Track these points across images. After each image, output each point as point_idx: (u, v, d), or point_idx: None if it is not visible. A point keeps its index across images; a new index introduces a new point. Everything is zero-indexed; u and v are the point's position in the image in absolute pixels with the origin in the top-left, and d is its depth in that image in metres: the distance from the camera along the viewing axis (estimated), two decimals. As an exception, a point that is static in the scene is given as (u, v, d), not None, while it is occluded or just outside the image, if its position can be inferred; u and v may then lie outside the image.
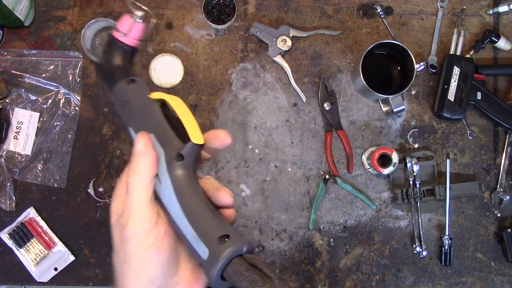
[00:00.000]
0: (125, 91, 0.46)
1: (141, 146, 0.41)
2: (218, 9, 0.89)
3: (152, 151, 0.42)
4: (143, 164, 0.41)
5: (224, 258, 0.37)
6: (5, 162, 0.90)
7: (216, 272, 0.37)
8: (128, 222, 0.40)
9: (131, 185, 0.41)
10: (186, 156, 0.42)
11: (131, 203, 0.40)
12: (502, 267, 0.91)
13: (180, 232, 0.40)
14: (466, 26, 0.93)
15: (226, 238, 0.38)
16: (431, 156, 0.90)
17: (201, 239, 0.38)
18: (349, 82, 0.92)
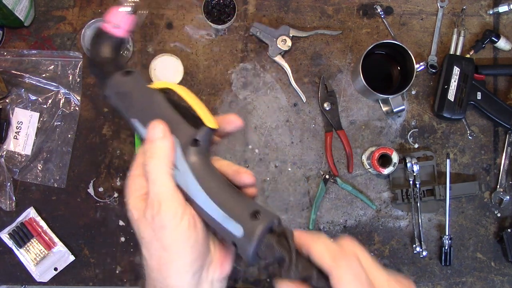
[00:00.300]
0: (122, 82, 0.46)
1: (159, 132, 0.41)
2: (218, 9, 0.89)
3: (169, 136, 0.42)
4: (163, 148, 0.41)
5: (259, 233, 0.38)
6: (5, 162, 0.90)
7: (254, 248, 0.38)
8: (160, 209, 0.39)
9: (154, 173, 0.41)
10: (202, 140, 0.42)
11: (158, 190, 0.40)
12: (502, 267, 0.91)
13: (207, 216, 0.40)
14: (466, 26, 0.93)
15: (257, 214, 0.39)
16: (431, 156, 0.90)
17: (233, 218, 0.39)
18: (349, 82, 0.92)
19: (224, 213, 0.39)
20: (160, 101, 0.44)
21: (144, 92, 0.45)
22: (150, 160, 0.41)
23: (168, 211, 0.39)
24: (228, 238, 0.40)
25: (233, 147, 0.91)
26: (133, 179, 0.43)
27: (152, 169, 0.41)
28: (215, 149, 0.94)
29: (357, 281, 0.34)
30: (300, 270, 0.37)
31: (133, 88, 0.46)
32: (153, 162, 0.41)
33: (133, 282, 0.90)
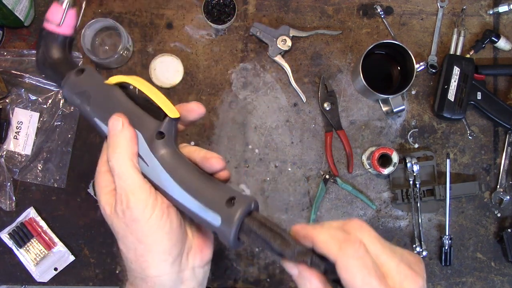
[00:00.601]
0: (77, 82, 0.45)
1: (118, 125, 0.41)
2: (218, 9, 0.89)
3: (129, 127, 0.41)
4: (123, 141, 0.40)
5: (238, 220, 0.37)
6: (5, 162, 0.90)
7: (233, 235, 0.37)
8: (129, 203, 0.39)
9: (117, 167, 0.40)
10: (167, 132, 0.41)
11: (124, 184, 0.40)
12: (502, 267, 0.91)
13: (184, 207, 0.40)
14: (466, 26, 0.93)
15: (232, 200, 0.38)
16: (431, 156, 0.90)
17: (210, 208, 0.38)
18: (349, 82, 0.92)
19: (200, 203, 0.39)
20: (119, 96, 0.43)
21: (101, 89, 0.44)
22: (113, 155, 0.40)
23: (138, 204, 0.39)
24: (207, 227, 0.40)
25: (233, 147, 0.91)
26: (101, 176, 0.43)
27: (115, 163, 0.40)
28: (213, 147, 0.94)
29: (364, 269, 0.33)
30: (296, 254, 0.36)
31: (89, 86, 0.45)
32: (115, 156, 0.40)
33: (133, 282, 0.90)
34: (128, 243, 0.41)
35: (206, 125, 0.91)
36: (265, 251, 0.40)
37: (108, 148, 0.41)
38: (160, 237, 0.40)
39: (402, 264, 0.36)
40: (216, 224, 0.38)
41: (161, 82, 0.91)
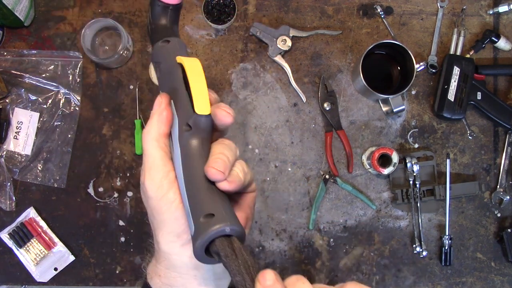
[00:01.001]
0: (158, 52, 0.47)
1: (159, 103, 0.42)
2: (218, 9, 0.89)
3: (164, 110, 0.42)
4: (156, 120, 0.42)
5: (206, 236, 0.36)
6: (5, 162, 0.90)
7: (198, 249, 0.37)
8: (145, 179, 0.40)
9: (144, 142, 0.42)
10: (193, 125, 0.41)
11: (146, 159, 0.41)
12: (502, 267, 0.91)
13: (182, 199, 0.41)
14: (466, 26, 0.93)
15: (211, 216, 0.37)
16: (431, 156, 0.90)
17: (191, 214, 0.38)
18: (349, 82, 0.92)
19: (189, 207, 0.39)
20: (178, 77, 0.44)
21: (170, 65, 0.45)
22: (145, 130, 0.42)
23: (151, 183, 0.40)
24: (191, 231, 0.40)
25: (233, 147, 0.91)
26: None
27: (144, 138, 0.42)
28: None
29: None
30: None
31: (163, 59, 0.46)
32: (146, 131, 0.42)
33: (133, 282, 0.90)
34: (149, 217, 0.43)
35: (206, 125, 0.91)
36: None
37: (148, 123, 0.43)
38: (169, 220, 0.40)
39: None
40: (191, 232, 0.38)
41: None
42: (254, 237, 0.90)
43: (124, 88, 0.91)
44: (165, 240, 0.41)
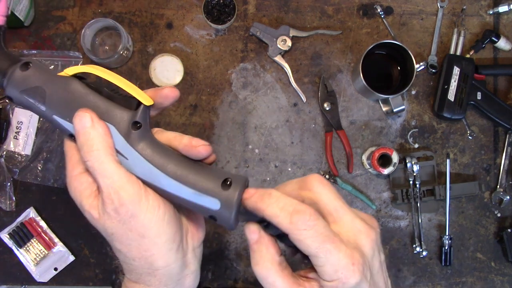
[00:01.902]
0: (25, 78, 0.40)
1: (86, 121, 0.38)
2: (218, 9, 0.89)
3: (100, 122, 0.38)
4: (98, 137, 0.38)
5: (237, 201, 0.37)
6: (5, 162, 0.90)
7: (234, 217, 0.37)
8: (122, 199, 0.37)
9: (98, 165, 0.37)
10: (143, 121, 0.38)
11: (110, 181, 0.37)
12: (502, 267, 0.91)
13: (176, 197, 0.38)
14: (466, 26, 0.93)
15: (228, 181, 0.37)
16: (431, 156, 0.90)
17: (206, 193, 0.37)
18: (349, 82, 0.92)
19: (195, 190, 0.37)
20: (80, 88, 0.40)
21: (57, 82, 0.40)
22: (90, 154, 0.38)
23: (132, 199, 0.37)
24: (204, 213, 0.38)
25: (233, 147, 0.91)
26: (76, 180, 0.40)
27: (95, 162, 0.38)
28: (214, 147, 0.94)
29: (317, 238, 0.34)
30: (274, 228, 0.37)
31: (41, 80, 0.40)
32: (93, 154, 0.37)
33: (133, 282, 0.90)
34: (129, 241, 0.39)
35: (206, 125, 0.91)
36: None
37: (82, 148, 0.38)
38: (162, 228, 0.39)
39: (356, 219, 0.37)
40: (214, 208, 0.37)
41: (161, 82, 0.91)
42: (254, 237, 0.90)
43: (124, 88, 0.91)
44: (163, 253, 0.40)
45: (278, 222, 0.35)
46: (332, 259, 0.34)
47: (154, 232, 0.39)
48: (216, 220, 0.38)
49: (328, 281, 0.35)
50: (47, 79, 0.40)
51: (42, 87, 0.39)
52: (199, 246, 0.46)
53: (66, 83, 0.40)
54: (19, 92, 0.40)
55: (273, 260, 0.37)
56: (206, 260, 0.90)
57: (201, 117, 0.91)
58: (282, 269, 0.37)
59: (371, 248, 0.37)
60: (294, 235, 0.35)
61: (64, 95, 0.39)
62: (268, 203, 0.36)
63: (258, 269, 0.38)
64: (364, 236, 0.37)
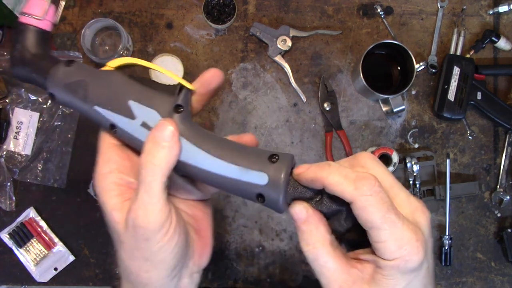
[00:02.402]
0: (70, 72, 0.41)
1: (168, 135, 0.37)
2: (218, 9, 0.89)
3: (178, 142, 0.37)
4: (166, 155, 0.36)
5: (286, 175, 0.35)
6: (5, 162, 0.90)
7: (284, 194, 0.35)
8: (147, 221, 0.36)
9: (150, 179, 0.36)
10: (184, 104, 0.39)
11: (149, 200, 0.36)
12: (502, 267, 0.91)
13: (219, 178, 0.37)
14: (466, 26, 0.93)
15: (274, 156, 0.36)
16: (431, 156, 0.90)
17: (252, 168, 0.36)
18: (349, 82, 0.92)
19: (240, 166, 0.36)
20: (122, 79, 0.40)
21: (100, 76, 0.41)
22: (151, 166, 0.36)
23: (154, 226, 0.36)
24: (250, 192, 0.37)
25: (233, 147, 0.91)
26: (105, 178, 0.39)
27: (149, 175, 0.36)
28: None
29: (383, 206, 0.32)
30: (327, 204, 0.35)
31: (86, 74, 0.41)
32: (152, 168, 0.36)
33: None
34: (133, 257, 0.39)
35: (206, 125, 0.91)
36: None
37: (148, 153, 0.37)
38: (169, 257, 0.38)
39: (411, 197, 0.36)
40: (262, 183, 0.35)
41: (161, 82, 0.91)
42: (254, 237, 0.90)
43: (124, 88, 0.91)
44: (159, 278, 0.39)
45: (342, 189, 0.33)
46: (397, 232, 0.32)
47: (158, 259, 0.38)
48: (264, 199, 0.36)
49: (389, 260, 0.33)
50: (90, 73, 0.41)
51: (85, 80, 0.41)
52: (198, 272, 0.44)
53: (108, 75, 0.41)
54: (63, 85, 0.41)
55: (324, 239, 0.35)
56: (206, 260, 0.90)
57: (201, 117, 0.91)
58: (333, 249, 0.35)
59: (427, 226, 0.35)
60: (359, 202, 0.32)
61: (107, 86, 0.40)
62: (330, 171, 0.34)
63: (309, 250, 0.35)
64: (421, 213, 0.35)
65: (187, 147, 0.38)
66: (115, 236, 0.40)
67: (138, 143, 0.39)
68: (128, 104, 0.39)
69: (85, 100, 0.40)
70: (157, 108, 0.39)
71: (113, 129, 0.40)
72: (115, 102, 0.40)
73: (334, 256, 0.35)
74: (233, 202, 0.91)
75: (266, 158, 0.36)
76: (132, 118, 0.39)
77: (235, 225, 0.90)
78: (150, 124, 0.38)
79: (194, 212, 0.44)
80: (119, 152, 0.41)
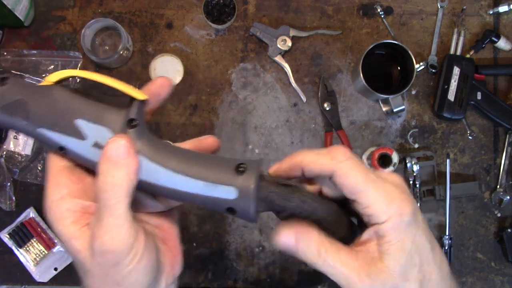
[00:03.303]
0: (5, 91, 0.37)
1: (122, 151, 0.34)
2: (218, 9, 0.89)
3: (135, 157, 0.35)
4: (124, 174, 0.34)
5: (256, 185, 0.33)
6: (5, 162, 0.90)
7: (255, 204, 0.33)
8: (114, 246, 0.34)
9: (112, 201, 0.34)
10: (138, 117, 0.35)
11: (114, 223, 0.34)
12: (502, 267, 0.91)
13: (186, 195, 0.35)
14: (466, 26, 0.93)
15: (241, 166, 0.34)
16: (431, 156, 0.90)
17: (219, 182, 0.34)
18: (349, 82, 0.92)
19: (206, 182, 0.34)
20: (65, 95, 0.36)
21: (40, 92, 0.37)
22: (111, 187, 0.34)
23: (123, 249, 0.34)
24: (219, 207, 0.35)
25: (233, 147, 0.91)
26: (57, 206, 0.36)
27: (111, 198, 0.34)
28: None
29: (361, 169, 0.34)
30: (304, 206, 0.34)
31: (24, 92, 0.37)
32: (114, 190, 0.34)
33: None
34: (103, 284, 0.36)
35: (206, 125, 0.91)
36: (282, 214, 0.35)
37: (105, 174, 0.34)
38: (141, 277, 0.36)
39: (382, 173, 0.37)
40: (231, 197, 0.34)
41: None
42: (254, 237, 0.90)
43: (124, 88, 0.91)
44: None
45: (320, 164, 0.34)
46: (382, 190, 0.33)
47: (131, 282, 0.36)
48: (235, 212, 0.34)
49: (384, 222, 0.33)
50: (28, 90, 0.37)
51: (24, 100, 0.36)
52: (173, 282, 0.42)
53: (49, 92, 0.37)
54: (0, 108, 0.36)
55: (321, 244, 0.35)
56: (206, 260, 0.90)
57: (201, 117, 0.91)
58: (332, 245, 0.35)
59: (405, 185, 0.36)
60: (339, 170, 0.33)
61: (49, 104, 0.36)
62: (304, 154, 0.35)
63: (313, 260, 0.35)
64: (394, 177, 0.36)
65: (147, 164, 0.35)
66: (79, 265, 0.37)
67: (93, 165, 0.36)
68: (75, 123, 0.35)
69: (28, 122, 0.36)
70: (109, 125, 0.35)
71: (62, 151, 0.37)
72: (60, 122, 0.36)
73: (337, 252, 0.35)
74: (233, 202, 0.91)
75: (233, 169, 0.34)
76: (82, 138, 0.36)
77: (235, 225, 0.90)
78: (103, 143, 0.35)
79: (159, 222, 0.42)
80: (69, 175, 0.38)
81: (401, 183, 0.36)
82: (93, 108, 0.36)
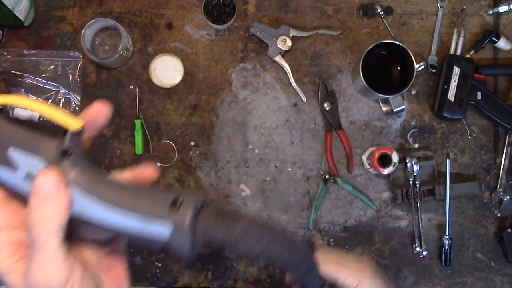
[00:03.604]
0: None
1: (50, 184, 0.32)
2: (218, 9, 0.89)
3: (66, 192, 0.33)
4: (55, 209, 0.32)
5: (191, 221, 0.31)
6: (5, 162, 0.89)
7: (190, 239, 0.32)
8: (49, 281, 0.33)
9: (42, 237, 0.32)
10: (73, 146, 0.34)
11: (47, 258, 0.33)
12: (502, 267, 0.91)
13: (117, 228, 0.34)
14: (466, 26, 0.93)
15: (177, 200, 0.33)
16: (431, 156, 0.90)
17: (153, 217, 0.33)
18: (349, 82, 0.92)
19: (140, 217, 0.33)
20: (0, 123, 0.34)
21: None
22: (41, 223, 0.33)
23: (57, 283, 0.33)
24: (153, 244, 0.34)
25: (233, 147, 0.91)
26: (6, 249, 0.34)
27: (41, 234, 0.32)
28: (213, 147, 0.93)
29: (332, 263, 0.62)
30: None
31: None
32: (45, 226, 0.32)
33: (133, 282, 0.90)
34: None
35: (206, 125, 0.91)
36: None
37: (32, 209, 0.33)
38: None
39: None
40: (166, 234, 0.32)
41: (161, 82, 0.91)
42: (254, 237, 0.90)
43: (124, 88, 0.91)
44: None
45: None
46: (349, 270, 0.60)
47: None
48: (170, 251, 0.33)
49: None
50: None
51: None
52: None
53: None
54: None
55: None
56: (206, 260, 0.90)
57: (201, 117, 0.91)
58: None
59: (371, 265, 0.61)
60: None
61: None
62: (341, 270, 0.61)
63: None
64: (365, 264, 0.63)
65: (80, 197, 0.33)
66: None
67: (26, 196, 0.34)
68: (7, 153, 0.33)
69: None
70: (42, 154, 0.33)
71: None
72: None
73: None
74: (233, 202, 0.91)
75: (169, 205, 0.33)
76: (14, 168, 0.34)
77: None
78: (35, 174, 0.33)
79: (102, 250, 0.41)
80: (6, 206, 0.36)
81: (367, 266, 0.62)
82: (26, 137, 0.34)
